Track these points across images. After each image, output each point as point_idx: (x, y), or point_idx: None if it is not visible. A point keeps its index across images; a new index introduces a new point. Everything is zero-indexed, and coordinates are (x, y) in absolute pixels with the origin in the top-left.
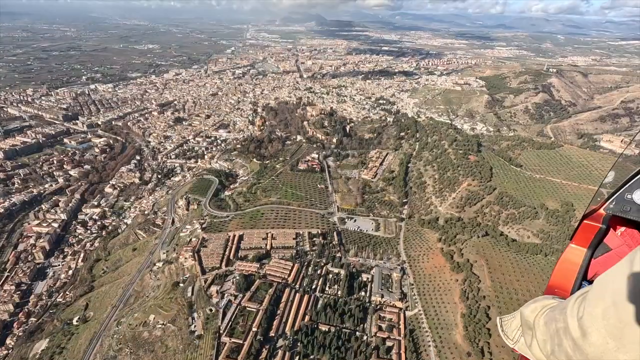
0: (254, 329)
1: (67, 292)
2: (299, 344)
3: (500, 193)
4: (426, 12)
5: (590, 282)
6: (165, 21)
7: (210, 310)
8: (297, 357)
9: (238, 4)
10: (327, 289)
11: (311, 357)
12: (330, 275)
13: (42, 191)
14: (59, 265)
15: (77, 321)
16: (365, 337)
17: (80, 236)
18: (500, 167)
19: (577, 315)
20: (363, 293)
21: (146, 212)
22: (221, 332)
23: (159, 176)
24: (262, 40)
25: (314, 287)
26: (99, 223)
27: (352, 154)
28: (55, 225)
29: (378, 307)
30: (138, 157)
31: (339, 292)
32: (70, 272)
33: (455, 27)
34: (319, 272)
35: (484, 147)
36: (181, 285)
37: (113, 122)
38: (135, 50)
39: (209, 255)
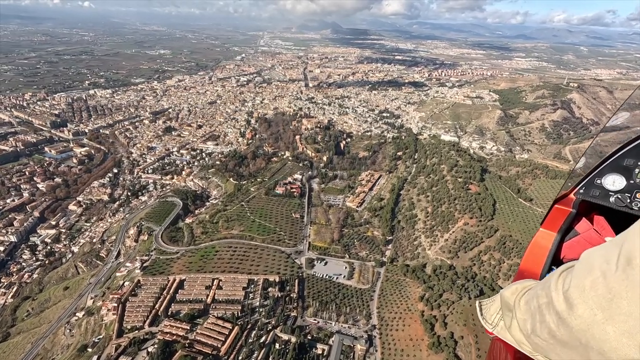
0: None
1: None
2: None
3: (502, 236)
4: (444, 22)
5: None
6: (182, 27)
7: None
8: None
9: (256, 12)
10: None
11: None
12: (277, 345)
13: (1, 207)
14: None
15: None
16: None
17: (23, 263)
18: (506, 201)
19: (563, 289)
20: None
21: (94, 240)
22: None
23: (129, 194)
24: (275, 47)
25: None
26: (48, 248)
27: (342, 175)
28: (1, 249)
29: None
30: (115, 170)
31: None
32: None
33: (473, 36)
34: (263, 339)
35: (489, 174)
36: (89, 350)
37: (101, 130)
38: (146, 55)
39: (136, 308)
